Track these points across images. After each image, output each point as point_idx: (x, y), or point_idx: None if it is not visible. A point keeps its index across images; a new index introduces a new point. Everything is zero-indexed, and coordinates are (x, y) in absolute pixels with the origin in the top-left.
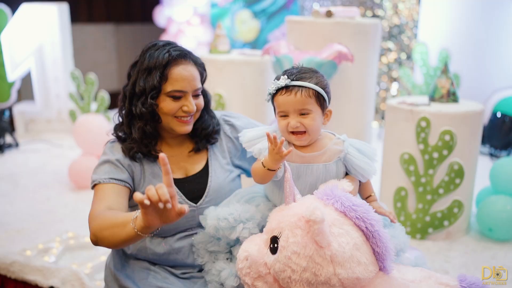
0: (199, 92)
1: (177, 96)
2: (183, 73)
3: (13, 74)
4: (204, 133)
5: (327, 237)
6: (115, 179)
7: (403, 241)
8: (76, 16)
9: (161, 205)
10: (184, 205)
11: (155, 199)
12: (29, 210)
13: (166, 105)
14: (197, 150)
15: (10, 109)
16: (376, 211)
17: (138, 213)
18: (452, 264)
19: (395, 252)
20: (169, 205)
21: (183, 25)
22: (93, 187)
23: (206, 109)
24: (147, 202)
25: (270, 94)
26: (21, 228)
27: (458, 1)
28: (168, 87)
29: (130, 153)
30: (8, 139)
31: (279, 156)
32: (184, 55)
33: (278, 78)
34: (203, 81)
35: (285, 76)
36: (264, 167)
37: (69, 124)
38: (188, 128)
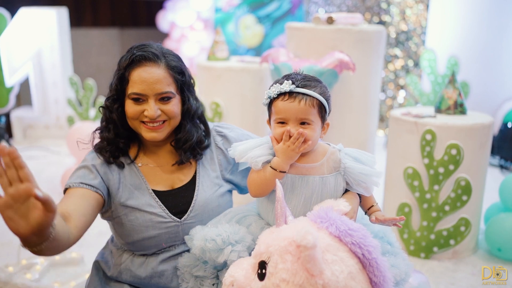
0: (168, 96)
1: (137, 99)
2: (142, 75)
3: (11, 79)
4: (187, 145)
5: (319, 265)
6: (86, 183)
7: (405, 271)
8: (81, 20)
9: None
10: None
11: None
12: None
13: (128, 108)
14: (180, 163)
15: (7, 115)
16: (380, 220)
17: None
18: (458, 286)
19: (394, 282)
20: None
21: (186, 30)
22: (65, 192)
23: (189, 117)
24: None
25: (269, 98)
26: (8, 241)
27: (468, 7)
28: (129, 90)
29: (103, 154)
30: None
31: (295, 153)
32: (148, 58)
33: (280, 83)
34: (179, 86)
35: (289, 81)
36: (276, 170)
37: (67, 130)
38: (156, 135)
